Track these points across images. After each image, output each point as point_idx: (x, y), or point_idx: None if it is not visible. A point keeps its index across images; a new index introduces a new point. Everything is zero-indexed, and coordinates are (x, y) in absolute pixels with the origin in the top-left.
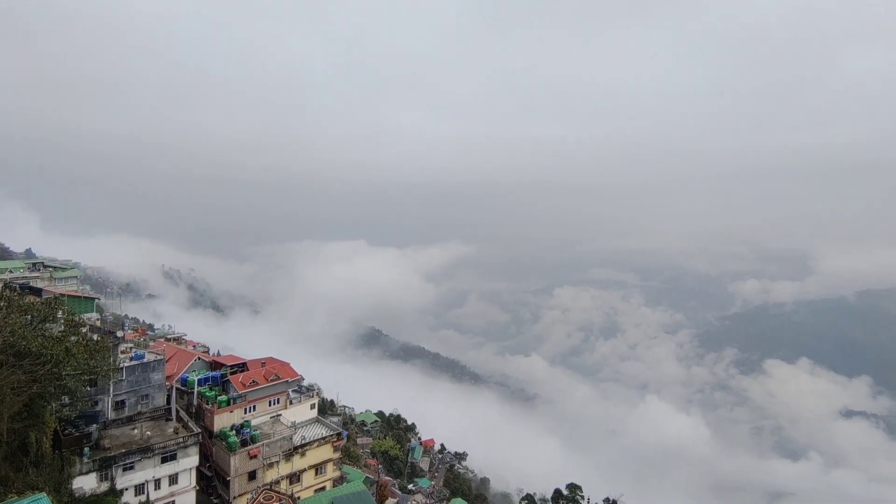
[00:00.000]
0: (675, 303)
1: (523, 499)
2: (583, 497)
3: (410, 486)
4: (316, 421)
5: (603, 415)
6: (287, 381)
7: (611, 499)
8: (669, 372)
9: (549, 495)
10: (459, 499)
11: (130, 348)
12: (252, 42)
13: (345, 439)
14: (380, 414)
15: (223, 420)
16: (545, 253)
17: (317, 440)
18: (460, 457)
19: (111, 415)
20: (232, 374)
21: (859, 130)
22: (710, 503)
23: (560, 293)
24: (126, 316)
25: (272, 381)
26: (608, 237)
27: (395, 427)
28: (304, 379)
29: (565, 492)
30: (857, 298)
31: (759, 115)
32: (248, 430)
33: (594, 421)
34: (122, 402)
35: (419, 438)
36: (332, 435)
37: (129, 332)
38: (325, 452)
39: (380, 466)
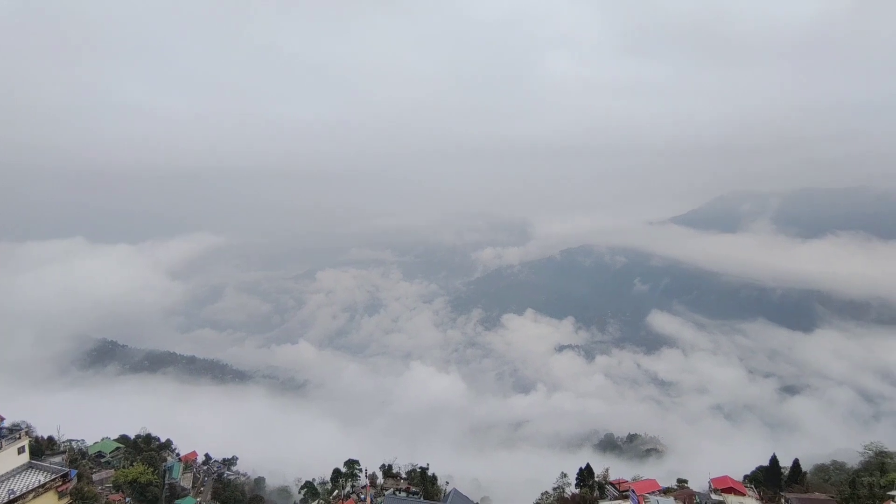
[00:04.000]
0: (428, 274)
1: (302, 487)
2: (361, 469)
3: None
4: (29, 467)
5: (374, 388)
6: None
7: (386, 464)
8: (429, 338)
9: (328, 477)
10: None
11: None
12: None
13: (74, 480)
14: (123, 439)
15: None
16: (304, 238)
17: (31, 490)
18: (229, 463)
19: None
20: None
21: (561, 120)
22: (469, 444)
23: (322, 276)
24: None
25: None
26: (364, 218)
27: (144, 449)
28: (3, 419)
29: (343, 469)
30: (561, 256)
31: (488, 104)
32: None
33: (366, 396)
34: None
35: (177, 455)
36: (53, 479)
37: None
38: (47, 502)
39: (127, 500)
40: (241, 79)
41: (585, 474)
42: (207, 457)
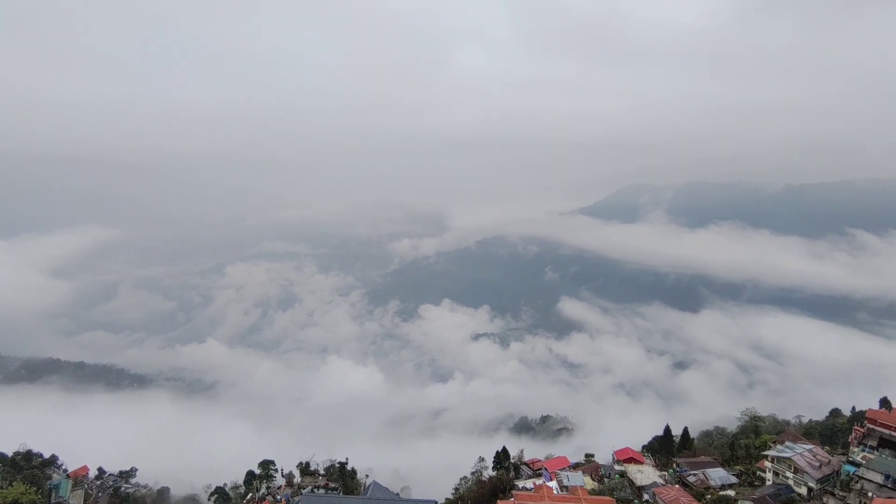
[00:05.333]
0: (344, 267)
1: (212, 494)
2: (276, 469)
3: None
4: None
5: (290, 385)
6: None
7: (303, 462)
8: (346, 331)
9: (241, 481)
10: None
11: None
12: None
13: None
14: None
15: None
16: (211, 230)
17: None
18: (127, 475)
19: None
20: None
21: (473, 113)
22: (389, 435)
23: (232, 271)
24: None
25: None
26: (276, 209)
27: (25, 467)
28: None
29: (258, 471)
30: (477, 247)
31: (402, 94)
32: None
33: (281, 393)
34: None
35: (65, 471)
36: None
37: None
38: None
39: None
40: (129, 56)
41: (501, 457)
42: (101, 471)
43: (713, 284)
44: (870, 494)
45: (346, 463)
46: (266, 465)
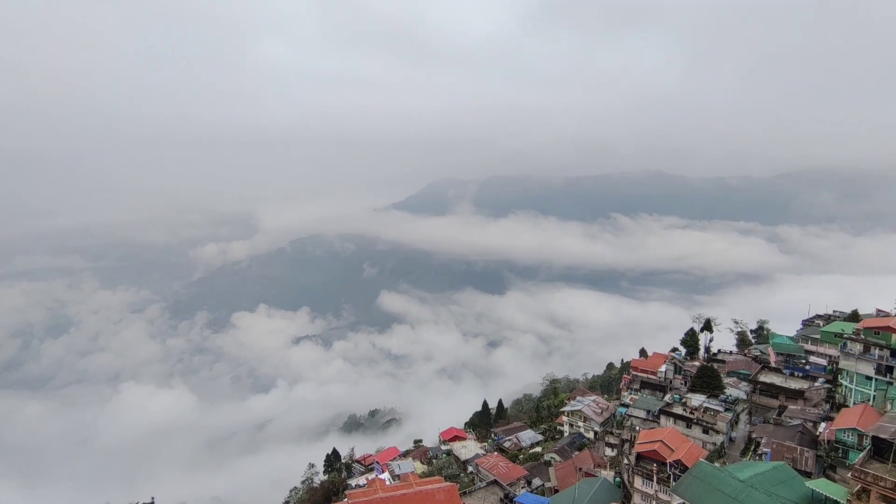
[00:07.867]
0: (136, 279)
1: None
2: None
3: None
4: None
5: (69, 426)
6: None
7: None
8: (144, 352)
9: None
10: None
11: None
12: None
13: None
14: None
15: None
16: None
17: None
18: None
19: None
20: None
21: (277, 107)
22: (206, 459)
23: None
24: None
25: None
26: (36, 216)
27: None
28: None
29: None
30: (291, 247)
31: (194, 85)
32: None
33: (58, 438)
34: None
35: None
36: None
37: None
38: None
39: None
40: None
41: (332, 459)
42: None
43: (515, 268)
44: (637, 428)
45: (153, 503)
46: None
